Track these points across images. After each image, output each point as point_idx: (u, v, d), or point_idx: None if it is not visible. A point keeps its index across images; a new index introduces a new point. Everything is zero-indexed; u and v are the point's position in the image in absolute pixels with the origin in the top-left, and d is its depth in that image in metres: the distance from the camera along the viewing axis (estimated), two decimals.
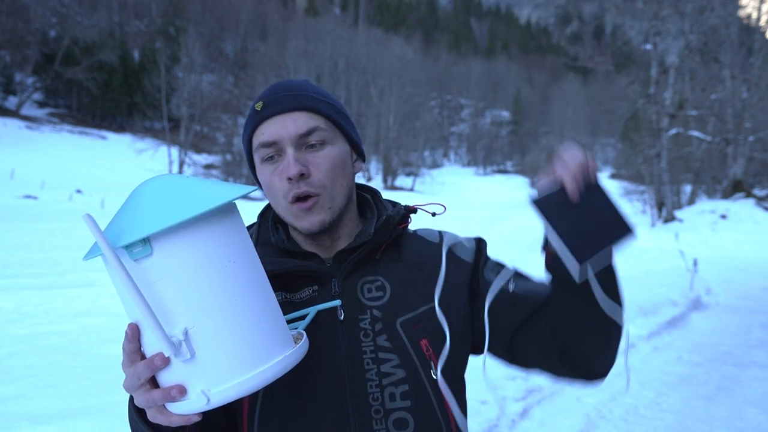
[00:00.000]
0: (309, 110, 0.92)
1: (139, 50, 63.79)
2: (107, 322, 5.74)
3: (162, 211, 0.62)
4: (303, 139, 0.91)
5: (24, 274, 8.26)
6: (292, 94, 0.93)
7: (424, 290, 0.94)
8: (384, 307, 0.92)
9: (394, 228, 0.98)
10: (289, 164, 0.89)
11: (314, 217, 0.91)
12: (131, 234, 0.61)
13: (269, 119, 0.91)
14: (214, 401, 0.64)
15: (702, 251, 14.34)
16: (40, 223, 16.85)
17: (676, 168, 24.19)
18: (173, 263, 0.62)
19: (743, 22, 27.99)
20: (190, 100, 42.66)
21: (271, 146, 0.91)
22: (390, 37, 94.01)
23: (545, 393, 4.28)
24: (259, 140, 0.92)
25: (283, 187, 0.90)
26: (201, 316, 0.63)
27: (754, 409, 4.23)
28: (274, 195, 0.92)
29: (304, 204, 0.90)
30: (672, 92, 21.96)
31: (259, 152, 0.92)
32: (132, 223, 0.62)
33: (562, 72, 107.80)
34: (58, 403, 3.44)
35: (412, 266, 0.97)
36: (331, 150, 0.93)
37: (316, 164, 0.91)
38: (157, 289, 0.62)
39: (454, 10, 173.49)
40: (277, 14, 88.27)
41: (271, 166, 0.92)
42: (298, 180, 0.89)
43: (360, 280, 0.94)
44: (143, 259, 0.62)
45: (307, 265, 0.92)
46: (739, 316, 7.56)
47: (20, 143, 42.41)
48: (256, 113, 0.93)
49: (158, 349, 0.63)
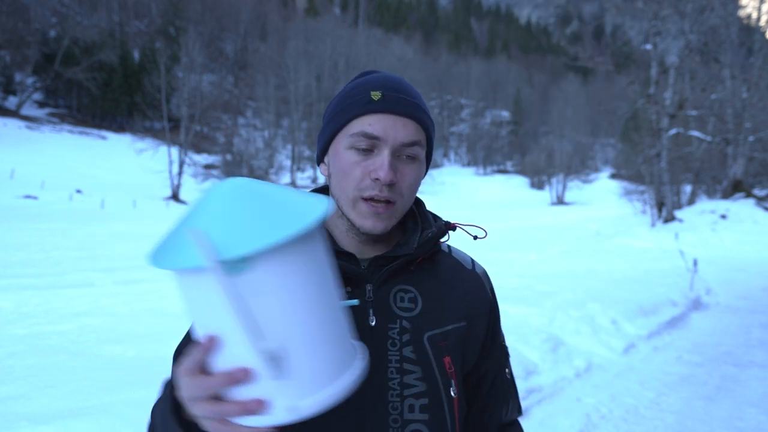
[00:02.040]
0: (419, 123, 0.93)
1: (139, 50, 63.81)
2: (107, 322, 5.74)
3: (261, 225, 0.59)
4: (404, 148, 0.90)
5: (24, 274, 8.26)
6: (410, 100, 0.92)
7: (454, 309, 0.96)
8: (414, 319, 0.91)
9: (435, 244, 0.98)
10: (384, 167, 0.88)
11: (381, 223, 0.91)
12: (232, 248, 0.57)
13: (382, 113, 0.90)
14: (303, 415, 0.63)
15: (702, 251, 14.34)
16: (40, 223, 16.86)
17: (676, 168, 24.20)
18: (271, 280, 0.59)
19: (743, 22, 27.99)
20: (190, 100, 42.65)
21: (371, 139, 0.89)
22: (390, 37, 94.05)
23: (545, 393, 4.28)
24: (363, 129, 0.90)
25: (363, 181, 0.89)
26: (292, 331, 0.62)
27: (754, 409, 4.23)
28: (347, 183, 0.90)
29: (378, 207, 0.90)
30: (672, 92, 21.96)
31: (355, 139, 0.90)
32: (228, 235, 0.58)
33: (562, 72, 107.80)
34: (58, 403, 3.44)
35: (445, 284, 0.98)
36: (418, 168, 0.94)
37: (404, 175, 0.91)
38: (248, 304, 0.59)
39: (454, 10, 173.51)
40: (277, 14, 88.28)
41: (359, 156, 0.90)
42: (385, 184, 0.88)
43: (394, 289, 0.93)
44: (239, 274, 0.58)
45: (346, 266, 0.91)
46: (739, 316, 7.56)
47: (20, 143, 42.42)
48: (371, 101, 0.91)
49: (243, 363, 0.61)
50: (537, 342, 5.05)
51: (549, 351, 5.00)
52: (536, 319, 5.81)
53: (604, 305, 6.64)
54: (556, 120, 78.24)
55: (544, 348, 5.01)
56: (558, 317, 6.02)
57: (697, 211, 20.32)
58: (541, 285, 7.78)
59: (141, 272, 9.02)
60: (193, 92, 43.62)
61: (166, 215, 26.05)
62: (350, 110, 0.92)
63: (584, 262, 12.37)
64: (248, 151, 46.29)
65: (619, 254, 14.25)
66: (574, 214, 39.01)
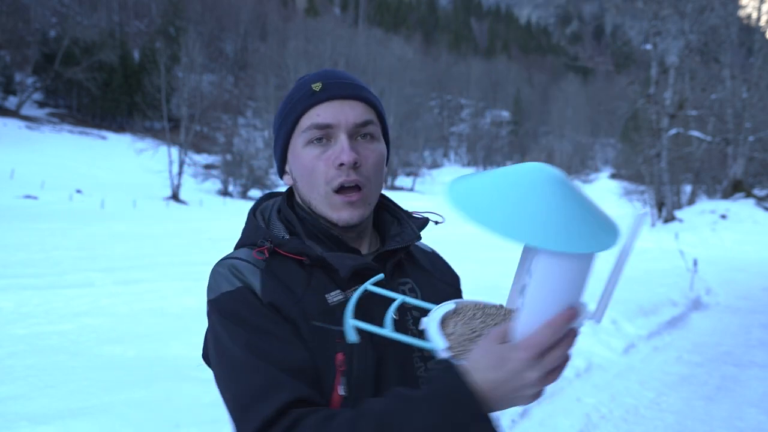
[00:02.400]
0: (366, 102, 0.93)
1: (139, 50, 63.80)
2: (107, 322, 5.74)
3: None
4: (358, 128, 0.90)
5: (24, 274, 8.26)
6: (351, 83, 0.93)
7: (442, 291, 0.98)
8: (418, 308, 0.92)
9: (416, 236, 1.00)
10: (343, 150, 0.87)
11: (356, 211, 0.90)
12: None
13: (327, 102, 0.90)
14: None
15: (702, 251, 14.34)
16: (40, 223, 16.85)
17: (676, 168, 24.21)
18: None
19: (743, 22, 27.99)
20: (190, 100, 42.62)
21: (324, 129, 0.89)
22: (390, 37, 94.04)
23: (545, 393, 4.28)
24: (313, 121, 0.89)
25: (328, 173, 0.88)
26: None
27: (754, 409, 4.23)
28: (314, 180, 0.90)
29: (349, 196, 0.89)
30: (672, 92, 21.97)
31: (308, 133, 0.90)
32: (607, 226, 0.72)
33: (562, 72, 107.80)
34: (58, 403, 3.44)
35: (425, 270, 1.01)
36: (378, 147, 0.94)
37: (366, 156, 0.91)
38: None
39: (454, 10, 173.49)
40: (277, 14, 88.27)
41: (317, 149, 0.90)
42: (350, 167, 0.88)
43: (398, 281, 0.94)
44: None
45: (369, 264, 0.89)
46: (739, 316, 7.56)
47: (20, 143, 42.41)
48: (312, 94, 0.91)
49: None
50: None
51: None
52: None
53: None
54: (556, 120, 78.31)
55: None
56: None
57: (697, 211, 20.32)
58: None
59: (141, 272, 9.02)
60: (193, 92, 43.59)
61: (166, 215, 26.05)
62: (296, 108, 0.92)
63: None
64: (248, 151, 46.31)
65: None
66: None
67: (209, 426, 3.07)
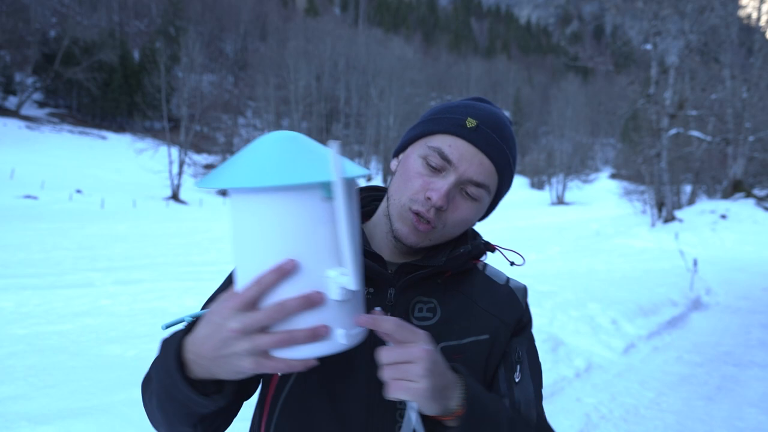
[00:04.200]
0: (497, 168, 0.91)
1: (139, 50, 63.81)
2: (107, 322, 5.74)
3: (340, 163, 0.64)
4: (469, 184, 0.90)
5: (24, 274, 8.26)
6: (500, 144, 0.91)
7: (476, 321, 0.93)
8: (430, 328, 0.89)
9: (466, 262, 0.96)
10: (441, 192, 0.87)
11: (414, 237, 0.91)
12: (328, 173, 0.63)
13: (467, 141, 0.89)
14: (351, 342, 0.68)
15: (702, 251, 14.34)
16: (40, 223, 16.86)
17: (676, 168, 24.21)
18: (348, 207, 0.65)
19: (743, 22, 27.99)
20: (190, 100, 42.62)
21: (444, 161, 0.89)
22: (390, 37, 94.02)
23: (545, 393, 4.27)
24: (442, 148, 0.89)
25: (419, 193, 0.89)
26: (349, 261, 0.65)
27: (754, 409, 4.23)
28: (404, 188, 0.91)
29: (420, 222, 0.89)
30: (672, 92, 21.96)
31: (430, 151, 0.90)
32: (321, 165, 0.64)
33: (562, 72, 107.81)
34: (58, 403, 3.44)
35: (469, 298, 0.95)
36: (475, 208, 0.92)
37: (456, 209, 0.90)
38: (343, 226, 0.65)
39: (454, 10, 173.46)
40: (277, 14, 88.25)
41: (426, 169, 0.90)
42: (434, 207, 0.88)
43: (415, 298, 0.93)
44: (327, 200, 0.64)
45: (371, 266, 0.90)
46: (739, 316, 7.56)
47: (20, 143, 42.40)
48: (464, 126, 0.90)
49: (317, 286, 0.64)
50: (537, 342, 5.03)
51: (549, 351, 5.00)
52: (536, 319, 5.81)
53: (604, 305, 6.64)
54: (556, 120, 78.23)
55: (544, 348, 5.01)
56: (558, 317, 6.02)
57: (697, 211, 20.32)
58: (541, 285, 7.78)
59: (141, 272, 9.02)
60: (193, 92, 43.60)
61: (166, 215, 26.05)
62: (441, 123, 0.92)
63: (584, 262, 12.37)
64: None
65: (619, 254, 14.25)
66: (574, 214, 39.00)
67: None
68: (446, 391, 0.76)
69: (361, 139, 69.20)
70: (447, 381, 0.76)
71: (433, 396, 0.73)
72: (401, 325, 0.72)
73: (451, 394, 0.77)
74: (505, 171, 0.92)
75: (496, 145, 0.90)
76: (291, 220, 0.64)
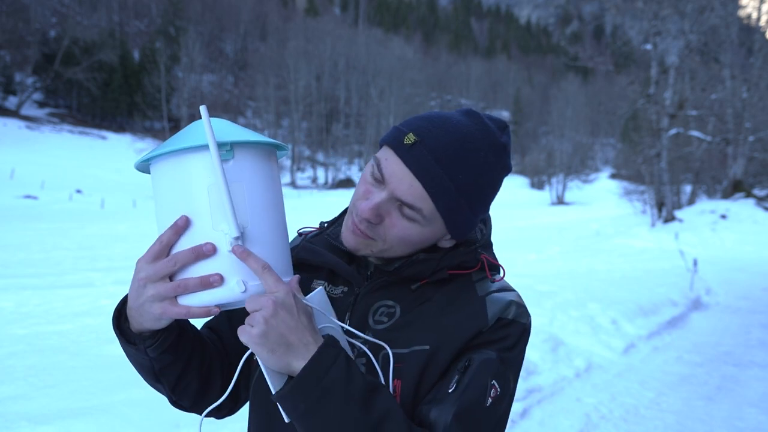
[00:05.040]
0: (429, 192, 0.84)
1: (139, 50, 63.79)
2: (107, 322, 5.73)
3: (243, 133, 0.77)
4: (400, 205, 0.85)
5: (24, 274, 8.26)
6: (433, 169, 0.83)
7: (424, 331, 0.88)
8: (378, 333, 0.89)
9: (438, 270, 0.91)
10: (369, 204, 0.85)
11: (354, 242, 0.89)
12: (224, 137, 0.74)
13: (399, 159, 0.84)
14: (250, 291, 0.75)
15: (702, 251, 14.34)
16: (40, 223, 16.86)
17: (676, 168, 24.19)
18: (246, 170, 0.75)
19: (743, 22, 27.99)
20: (190, 100, 42.68)
21: (380, 173, 0.86)
22: (390, 37, 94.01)
23: (545, 393, 4.28)
24: (380, 161, 0.87)
25: (359, 200, 0.88)
26: (255, 218, 0.75)
27: (754, 409, 4.23)
28: (355, 192, 0.92)
29: (357, 228, 0.87)
30: (672, 92, 21.95)
31: (373, 164, 0.88)
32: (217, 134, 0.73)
33: (562, 72, 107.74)
34: (58, 403, 3.44)
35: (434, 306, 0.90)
36: (414, 228, 0.86)
37: (393, 225, 0.86)
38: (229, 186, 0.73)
39: (454, 10, 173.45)
40: (277, 14, 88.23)
41: (371, 179, 0.88)
42: (364, 220, 0.86)
43: (379, 301, 0.92)
44: (225, 162, 0.73)
45: (339, 265, 0.93)
46: (739, 316, 7.56)
47: (20, 143, 42.41)
48: (399, 142, 0.85)
49: (209, 239, 0.73)
50: (537, 342, 5.05)
51: (549, 351, 5.00)
52: (536, 319, 5.81)
53: (604, 305, 6.64)
54: (556, 120, 78.22)
55: (544, 348, 5.01)
56: (558, 317, 6.02)
57: (697, 211, 20.32)
58: (541, 285, 7.78)
59: None
60: (193, 92, 43.66)
61: None
62: (390, 135, 0.89)
63: (584, 262, 12.37)
64: None
65: (619, 254, 14.25)
66: (574, 214, 38.99)
67: (209, 426, 3.07)
68: (291, 347, 0.75)
69: (361, 139, 69.21)
70: (295, 338, 0.75)
71: (270, 347, 0.74)
72: (266, 270, 0.74)
73: (299, 353, 0.75)
74: (440, 196, 0.84)
75: (429, 170, 0.83)
76: (183, 181, 0.74)
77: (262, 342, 0.73)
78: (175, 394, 0.92)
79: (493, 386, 0.84)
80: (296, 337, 0.75)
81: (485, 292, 0.92)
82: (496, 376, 0.85)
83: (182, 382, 0.90)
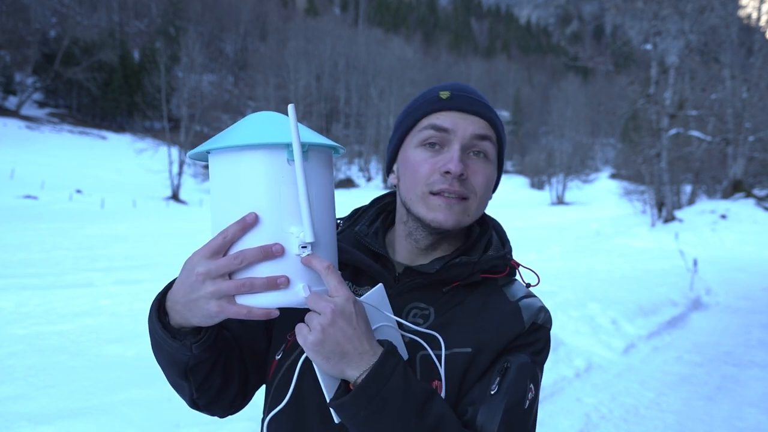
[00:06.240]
0: (489, 121, 0.93)
1: (139, 50, 63.81)
2: (107, 322, 5.74)
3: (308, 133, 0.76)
4: (474, 141, 0.91)
5: (24, 274, 8.26)
6: (479, 100, 0.93)
7: (463, 333, 0.90)
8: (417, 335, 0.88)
9: (473, 273, 0.93)
10: (452, 159, 0.88)
11: (453, 216, 0.89)
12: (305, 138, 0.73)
13: (451, 111, 0.91)
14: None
15: (702, 251, 14.34)
16: (40, 223, 16.87)
17: (676, 168, 24.20)
18: (315, 171, 0.74)
19: (743, 22, 27.99)
20: (190, 100, 42.65)
21: (441, 131, 0.90)
22: (390, 37, 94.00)
23: (545, 393, 4.28)
24: (433, 122, 0.91)
25: (431, 176, 0.89)
26: (319, 221, 0.74)
27: (754, 409, 4.23)
28: (416, 180, 0.90)
29: (451, 198, 0.88)
30: (672, 92, 21.96)
31: (424, 134, 0.91)
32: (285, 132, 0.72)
33: (562, 72, 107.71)
34: (58, 403, 3.45)
35: (468, 309, 0.92)
36: (489, 167, 0.93)
37: (475, 171, 0.91)
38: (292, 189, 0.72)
39: (454, 10, 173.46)
40: (277, 14, 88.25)
41: (428, 152, 0.90)
42: (456, 178, 0.88)
43: (411, 302, 0.92)
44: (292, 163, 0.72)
45: (371, 265, 0.92)
46: (739, 316, 7.56)
47: (20, 143, 42.41)
48: (439, 100, 0.92)
49: (278, 240, 0.71)
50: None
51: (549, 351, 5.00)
52: None
53: (604, 305, 6.64)
54: (556, 120, 78.20)
55: None
56: (558, 317, 6.01)
57: (697, 211, 20.32)
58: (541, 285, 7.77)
59: (141, 272, 9.02)
60: (193, 92, 43.63)
61: (166, 215, 26.05)
62: (419, 110, 0.93)
63: (584, 262, 12.37)
64: None
65: (619, 254, 14.25)
66: (574, 214, 39.00)
67: (209, 426, 3.07)
68: (347, 356, 0.74)
69: (361, 139, 69.22)
70: (351, 348, 0.74)
71: (325, 355, 0.74)
72: (330, 270, 0.73)
73: (353, 362, 0.75)
74: (493, 118, 0.94)
75: (475, 102, 0.92)
76: (255, 178, 0.71)
77: (317, 349, 0.74)
78: (198, 391, 0.90)
79: (530, 389, 0.89)
80: (352, 347, 0.75)
81: (516, 298, 0.96)
82: (532, 378, 0.90)
83: (208, 381, 0.89)
